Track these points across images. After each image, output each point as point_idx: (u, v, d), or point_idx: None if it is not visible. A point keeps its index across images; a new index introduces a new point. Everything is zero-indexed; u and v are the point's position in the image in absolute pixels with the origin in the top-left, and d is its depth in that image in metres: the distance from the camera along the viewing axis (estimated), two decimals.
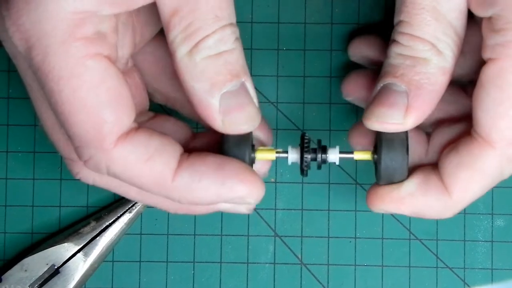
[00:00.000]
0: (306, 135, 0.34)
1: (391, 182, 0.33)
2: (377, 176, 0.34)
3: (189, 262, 0.42)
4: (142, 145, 0.31)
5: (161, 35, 0.33)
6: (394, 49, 0.32)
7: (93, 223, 0.41)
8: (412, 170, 0.34)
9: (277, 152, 0.34)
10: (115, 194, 0.42)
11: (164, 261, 0.42)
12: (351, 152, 0.34)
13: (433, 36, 0.31)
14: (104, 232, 0.41)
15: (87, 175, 0.34)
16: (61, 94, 0.29)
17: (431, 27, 0.31)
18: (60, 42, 0.29)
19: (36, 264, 0.40)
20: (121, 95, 0.30)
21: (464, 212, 0.42)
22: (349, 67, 0.40)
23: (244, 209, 0.34)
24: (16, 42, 0.30)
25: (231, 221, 0.42)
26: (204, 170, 0.31)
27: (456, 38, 0.31)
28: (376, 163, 0.34)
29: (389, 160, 0.32)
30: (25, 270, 0.40)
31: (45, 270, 0.40)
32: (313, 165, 0.34)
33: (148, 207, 0.42)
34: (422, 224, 0.42)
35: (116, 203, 0.42)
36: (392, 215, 0.42)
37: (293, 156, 0.34)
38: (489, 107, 0.31)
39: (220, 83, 0.30)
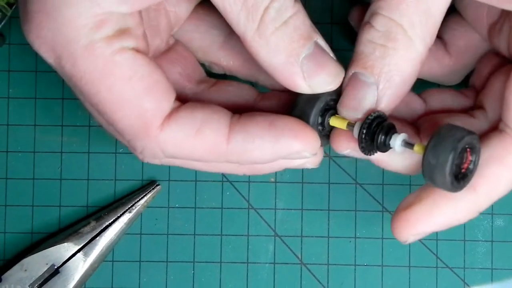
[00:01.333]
0: (382, 113, 0.32)
1: (433, 181, 0.30)
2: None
3: (189, 262, 0.42)
4: (187, 121, 0.31)
5: (201, 10, 0.34)
6: (366, 35, 0.31)
7: (93, 223, 0.41)
8: None
9: (348, 124, 0.32)
10: (115, 194, 0.42)
11: (164, 261, 0.42)
12: (413, 145, 0.31)
13: (409, 21, 0.30)
14: (104, 232, 0.41)
15: (152, 159, 0.34)
16: (99, 95, 0.30)
17: (409, 10, 0.30)
18: (84, 47, 0.29)
19: (36, 264, 0.40)
20: (156, 81, 0.31)
21: None
22: None
23: (307, 163, 0.34)
24: (43, 55, 0.30)
25: (231, 221, 0.42)
26: (256, 130, 0.31)
27: (432, 29, 0.31)
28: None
29: (431, 155, 0.29)
30: (25, 270, 0.40)
31: (45, 270, 0.40)
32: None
33: (148, 206, 0.42)
34: None
35: (116, 203, 0.42)
36: (392, 214, 0.42)
37: (356, 132, 0.32)
38: None
39: (296, 50, 0.30)
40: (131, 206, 0.41)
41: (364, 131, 0.31)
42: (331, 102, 0.33)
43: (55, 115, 0.42)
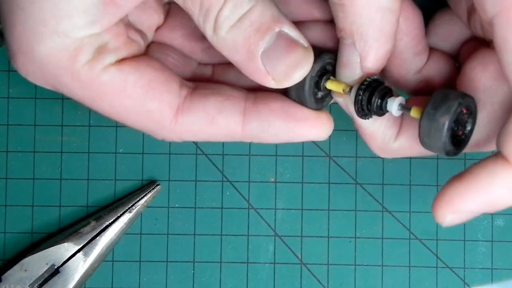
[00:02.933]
0: (379, 78, 0.31)
1: (429, 146, 0.29)
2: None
3: (189, 262, 0.42)
4: (201, 112, 0.32)
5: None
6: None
7: (93, 223, 0.41)
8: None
9: (345, 88, 0.31)
10: (115, 194, 0.42)
11: (164, 261, 0.42)
12: (409, 109, 0.30)
13: None
14: (104, 232, 0.41)
15: (174, 139, 0.34)
16: (104, 110, 0.31)
17: None
18: (70, 76, 0.30)
19: (36, 264, 0.40)
20: (150, 81, 0.31)
21: None
22: None
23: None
24: (41, 86, 0.31)
25: (231, 221, 0.42)
26: (270, 118, 0.32)
27: None
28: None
29: (428, 119, 0.29)
30: (25, 270, 0.40)
31: (45, 270, 0.40)
32: None
33: (148, 206, 0.42)
34: (422, 224, 0.42)
35: (116, 203, 0.42)
36: (392, 215, 0.42)
37: (353, 96, 0.31)
38: None
39: (254, 45, 0.30)
40: (131, 206, 0.41)
41: (361, 94, 0.31)
42: (329, 66, 0.32)
43: (55, 115, 0.42)
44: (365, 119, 0.32)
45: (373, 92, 0.31)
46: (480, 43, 0.33)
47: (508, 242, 0.42)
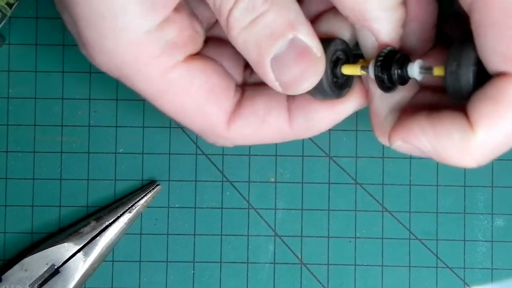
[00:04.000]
0: (392, 48, 0.30)
1: (459, 94, 0.29)
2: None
3: (189, 262, 0.42)
4: (251, 115, 0.32)
5: None
6: None
7: (93, 223, 0.41)
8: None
9: (362, 68, 0.31)
10: (115, 194, 0.42)
11: (164, 261, 0.42)
12: (431, 69, 0.30)
13: None
14: (104, 232, 0.41)
15: (226, 144, 0.34)
16: (163, 107, 0.31)
17: None
18: (137, 70, 0.30)
19: (36, 264, 0.40)
20: (214, 86, 0.31)
21: (464, 212, 0.42)
22: None
23: None
24: (108, 73, 0.31)
25: (231, 221, 0.42)
26: (312, 107, 0.32)
27: None
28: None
29: (452, 74, 0.28)
30: (25, 270, 0.40)
31: (45, 270, 0.40)
32: None
33: (148, 206, 0.42)
34: (422, 224, 0.42)
35: (116, 203, 0.42)
36: (392, 215, 0.42)
37: (372, 72, 0.30)
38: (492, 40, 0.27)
39: (265, 50, 0.29)
40: (131, 206, 0.41)
41: (379, 68, 0.30)
42: (340, 52, 0.32)
43: (55, 115, 0.42)
44: (390, 92, 0.31)
45: (391, 63, 0.30)
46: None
47: (508, 242, 0.42)
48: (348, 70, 0.31)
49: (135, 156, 0.42)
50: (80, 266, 0.40)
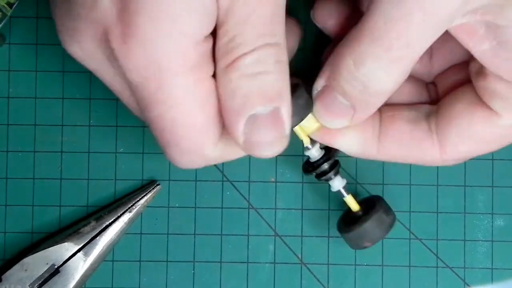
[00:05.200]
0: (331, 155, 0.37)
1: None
2: None
3: (189, 262, 0.42)
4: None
5: None
6: (345, 72, 0.31)
7: (93, 223, 0.41)
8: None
9: (305, 143, 0.36)
10: (115, 194, 0.42)
11: (164, 261, 0.42)
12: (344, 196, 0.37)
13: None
14: (104, 232, 0.41)
15: (200, 165, 0.34)
16: (165, 114, 0.30)
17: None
18: (173, 75, 0.29)
19: (36, 263, 0.40)
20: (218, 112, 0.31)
21: (464, 212, 0.42)
22: None
23: None
24: (129, 73, 0.29)
25: (231, 221, 0.42)
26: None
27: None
28: None
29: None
30: (25, 270, 0.40)
31: (45, 269, 0.40)
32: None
33: (148, 206, 0.42)
34: (422, 224, 0.42)
35: (116, 203, 0.42)
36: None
37: (311, 152, 0.37)
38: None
39: (250, 105, 0.29)
40: (131, 206, 0.41)
41: (315, 161, 0.37)
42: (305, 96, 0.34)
43: (55, 115, 0.42)
44: (307, 173, 0.37)
45: (324, 161, 0.36)
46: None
47: (508, 242, 0.42)
48: (300, 131, 0.35)
49: (135, 156, 0.42)
50: (80, 266, 0.40)
